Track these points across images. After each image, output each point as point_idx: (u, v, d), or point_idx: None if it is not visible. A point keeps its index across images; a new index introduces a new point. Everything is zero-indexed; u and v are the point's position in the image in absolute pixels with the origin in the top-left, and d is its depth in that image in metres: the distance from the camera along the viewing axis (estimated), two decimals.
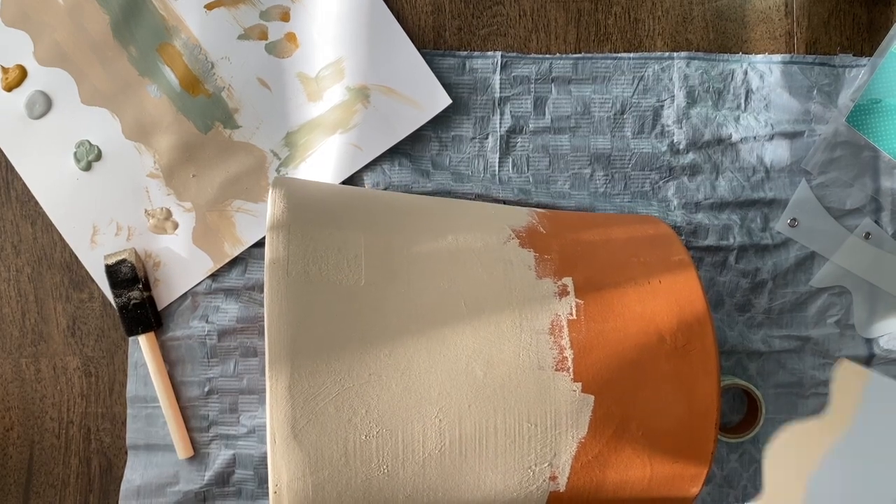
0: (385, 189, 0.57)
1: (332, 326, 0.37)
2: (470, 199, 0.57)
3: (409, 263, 0.39)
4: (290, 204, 0.40)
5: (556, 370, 0.38)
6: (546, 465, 0.38)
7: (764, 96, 0.59)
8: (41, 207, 0.58)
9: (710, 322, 0.40)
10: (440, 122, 0.58)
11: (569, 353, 0.38)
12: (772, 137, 0.58)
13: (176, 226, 0.58)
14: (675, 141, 0.58)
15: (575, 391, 0.38)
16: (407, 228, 0.41)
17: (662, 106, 0.59)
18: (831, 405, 0.34)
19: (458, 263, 0.40)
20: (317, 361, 0.36)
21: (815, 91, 0.59)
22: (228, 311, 0.57)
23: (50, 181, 0.58)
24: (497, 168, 0.58)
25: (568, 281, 0.39)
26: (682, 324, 0.40)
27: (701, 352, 0.40)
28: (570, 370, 0.38)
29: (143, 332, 0.56)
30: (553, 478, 0.39)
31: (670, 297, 0.41)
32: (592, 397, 0.38)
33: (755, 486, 0.58)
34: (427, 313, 0.38)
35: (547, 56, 0.58)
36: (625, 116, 0.58)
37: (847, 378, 0.35)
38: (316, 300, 0.37)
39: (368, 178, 0.57)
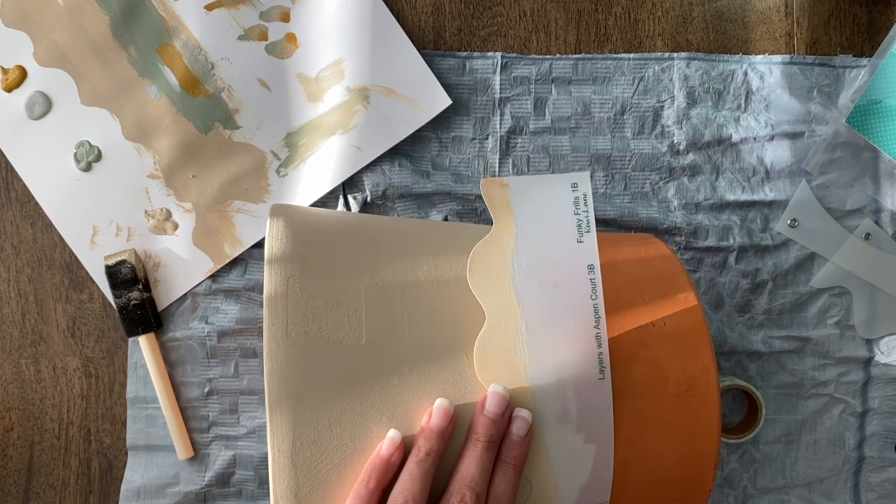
0: (385, 190, 0.57)
1: (334, 390, 0.36)
2: (470, 199, 0.57)
3: (409, 311, 0.38)
4: (288, 249, 0.39)
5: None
6: None
7: (764, 97, 0.59)
8: (41, 208, 0.58)
9: (714, 366, 0.40)
10: (440, 122, 0.58)
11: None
12: (772, 138, 0.58)
13: (176, 226, 0.58)
14: (675, 142, 0.58)
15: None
16: (407, 268, 0.40)
17: (662, 106, 0.59)
18: (495, 218, 0.38)
19: (461, 309, 0.39)
20: (318, 428, 0.36)
21: (816, 92, 0.59)
22: (228, 312, 0.57)
23: (50, 182, 0.58)
24: (497, 169, 0.58)
25: None
26: (686, 368, 0.40)
27: (704, 396, 0.39)
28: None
29: (143, 332, 0.56)
30: None
31: (675, 341, 0.40)
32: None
33: (755, 486, 0.58)
34: (429, 370, 0.38)
35: (547, 57, 0.58)
36: (625, 117, 0.58)
37: (493, 191, 0.38)
38: (317, 363, 0.36)
39: (368, 180, 0.57)
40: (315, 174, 0.57)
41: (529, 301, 0.37)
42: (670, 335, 0.40)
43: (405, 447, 0.36)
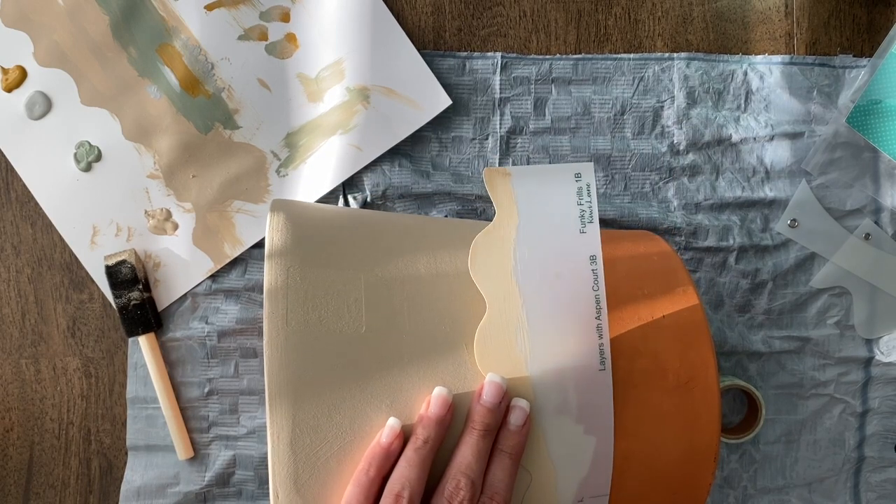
0: (385, 190, 0.57)
1: (334, 378, 0.36)
2: (470, 199, 0.57)
3: (409, 303, 0.38)
4: (288, 241, 0.39)
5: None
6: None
7: (764, 97, 0.59)
8: (41, 208, 0.58)
9: (713, 359, 0.40)
10: (440, 122, 0.58)
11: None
12: (772, 138, 0.58)
13: (176, 226, 0.58)
14: (675, 142, 0.58)
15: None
16: (407, 260, 0.40)
17: (662, 107, 0.59)
18: (497, 207, 0.38)
19: (462, 300, 0.39)
20: (318, 415, 0.36)
21: (815, 92, 0.59)
22: (228, 312, 0.57)
23: (50, 182, 0.58)
24: None
25: None
26: (685, 360, 0.40)
27: (703, 389, 0.39)
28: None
29: (144, 332, 0.56)
30: None
31: (674, 333, 0.40)
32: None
33: (755, 487, 0.58)
34: (429, 360, 0.38)
35: (547, 57, 0.58)
36: (625, 117, 0.58)
37: (496, 180, 0.38)
38: (316, 351, 0.36)
39: (368, 180, 0.57)
40: (315, 174, 0.57)
41: (531, 291, 0.37)
42: (669, 328, 0.40)
43: (405, 435, 0.36)
